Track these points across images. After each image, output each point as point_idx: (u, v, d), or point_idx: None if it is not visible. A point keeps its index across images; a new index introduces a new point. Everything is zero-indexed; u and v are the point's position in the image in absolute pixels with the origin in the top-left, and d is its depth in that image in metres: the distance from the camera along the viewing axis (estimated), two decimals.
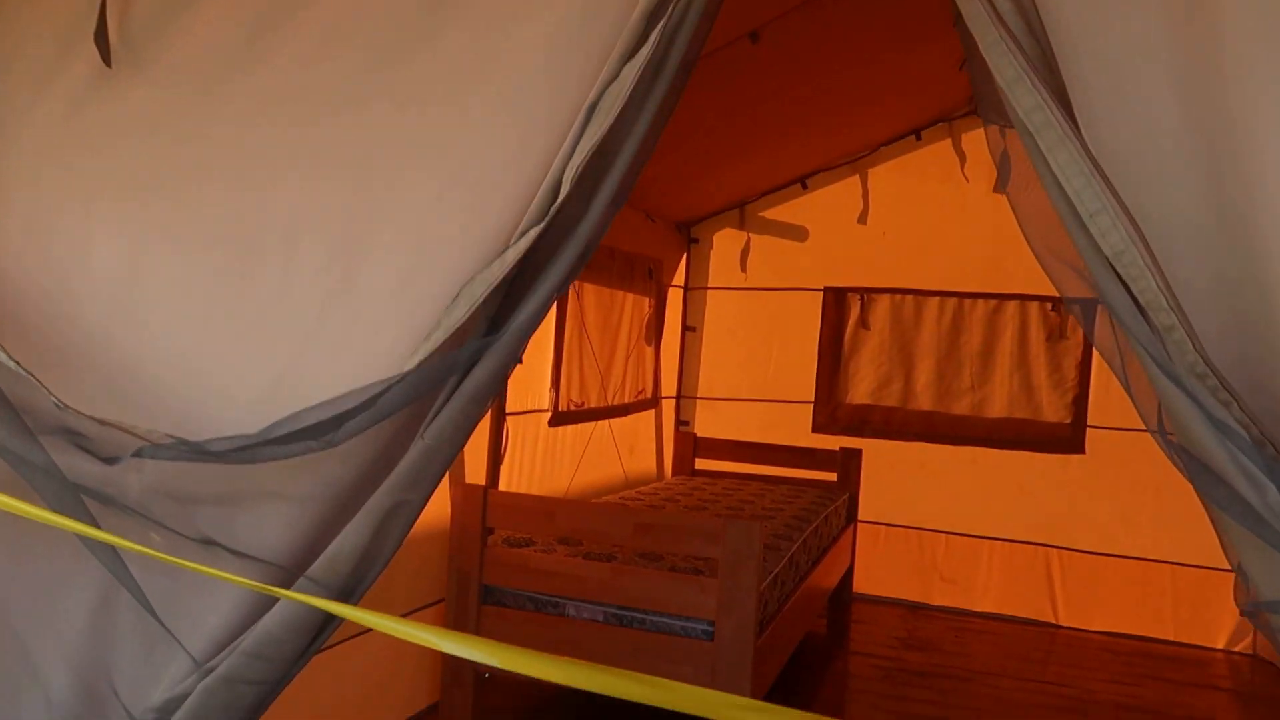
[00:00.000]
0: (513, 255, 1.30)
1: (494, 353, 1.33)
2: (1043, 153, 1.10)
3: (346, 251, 1.38)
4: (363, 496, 1.41)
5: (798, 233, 5.69)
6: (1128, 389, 1.20)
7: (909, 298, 5.56)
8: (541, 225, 1.30)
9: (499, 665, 1.24)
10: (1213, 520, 1.16)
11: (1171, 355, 1.06)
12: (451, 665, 3.46)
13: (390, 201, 1.37)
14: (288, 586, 1.44)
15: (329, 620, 1.48)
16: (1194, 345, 1.05)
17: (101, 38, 1.43)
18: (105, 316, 1.51)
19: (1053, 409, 5.33)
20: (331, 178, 1.40)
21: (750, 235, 5.79)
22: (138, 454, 1.40)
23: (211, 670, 1.48)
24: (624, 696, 1.21)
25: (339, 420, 1.37)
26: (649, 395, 5.46)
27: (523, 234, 1.31)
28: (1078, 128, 1.12)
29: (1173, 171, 1.11)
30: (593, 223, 1.35)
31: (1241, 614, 1.16)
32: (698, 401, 5.94)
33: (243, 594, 1.46)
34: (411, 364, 1.33)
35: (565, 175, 1.30)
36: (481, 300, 1.31)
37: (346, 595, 1.47)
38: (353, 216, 1.38)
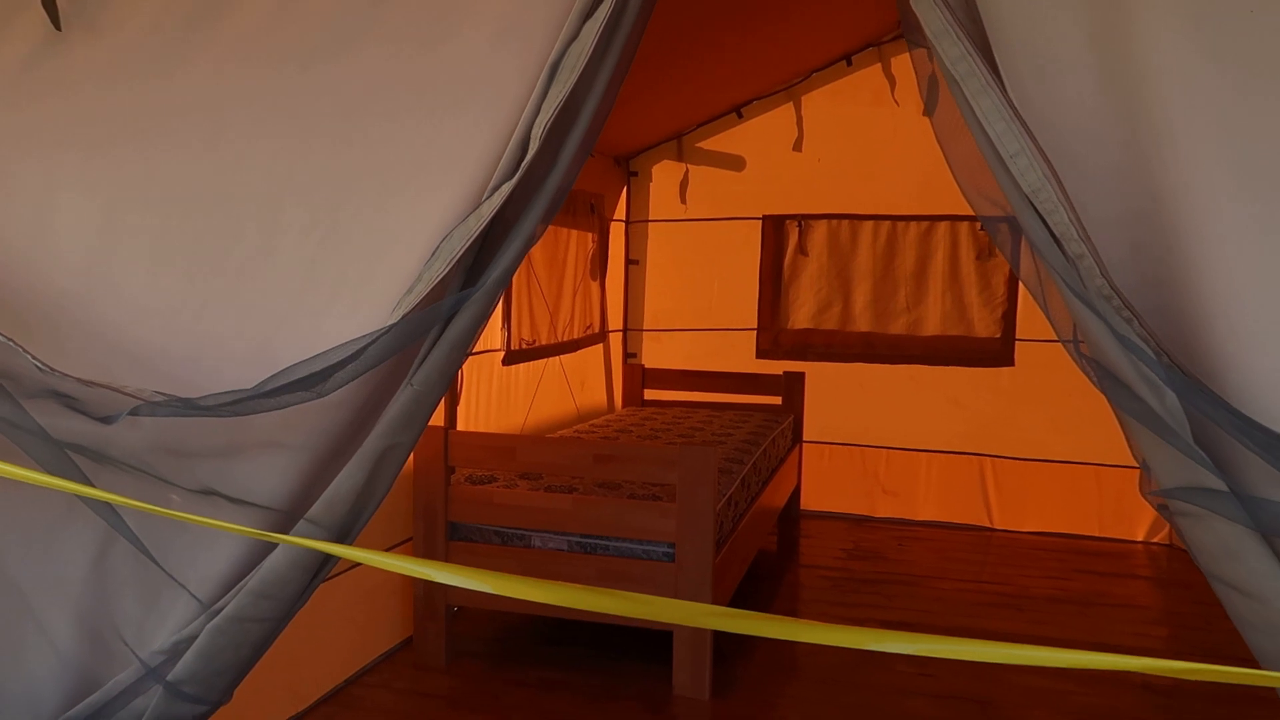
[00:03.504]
0: (487, 210, 1.39)
1: (473, 304, 1.42)
2: (967, 99, 1.22)
3: (329, 214, 1.44)
4: (356, 442, 1.50)
5: (735, 162, 5.79)
6: (1045, 310, 1.35)
7: (845, 222, 5.71)
8: (513, 181, 1.38)
9: (496, 592, 1.35)
10: (1120, 422, 1.32)
11: (1083, 280, 1.20)
12: (423, 600, 3.59)
13: (369, 161, 1.43)
14: (288, 529, 1.53)
15: (329, 558, 1.58)
16: (1101, 271, 1.19)
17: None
18: (82, 279, 1.51)
19: (983, 325, 5.56)
20: (310, 134, 1.43)
21: (689, 166, 5.87)
22: (134, 412, 1.45)
23: (219, 611, 1.56)
24: (602, 610, 1.33)
25: (327, 372, 1.45)
26: (597, 330, 5.57)
27: (495, 190, 1.39)
28: (999, 77, 1.24)
29: (1086, 120, 1.24)
30: (560, 175, 1.44)
31: (1146, 500, 1.34)
32: (644, 334, 6.07)
33: (246, 538, 1.55)
34: (395, 317, 1.42)
35: (533, 133, 1.38)
36: (459, 254, 1.40)
37: (343, 535, 1.57)
38: (333, 178, 1.43)
